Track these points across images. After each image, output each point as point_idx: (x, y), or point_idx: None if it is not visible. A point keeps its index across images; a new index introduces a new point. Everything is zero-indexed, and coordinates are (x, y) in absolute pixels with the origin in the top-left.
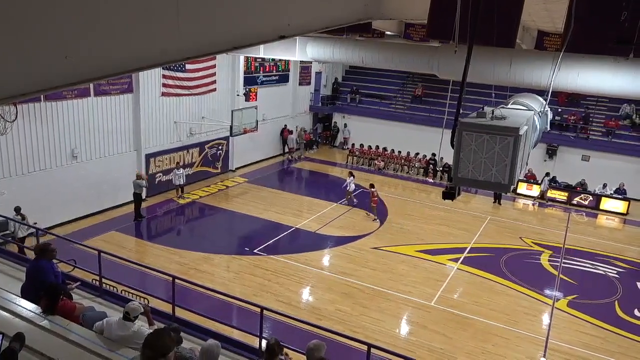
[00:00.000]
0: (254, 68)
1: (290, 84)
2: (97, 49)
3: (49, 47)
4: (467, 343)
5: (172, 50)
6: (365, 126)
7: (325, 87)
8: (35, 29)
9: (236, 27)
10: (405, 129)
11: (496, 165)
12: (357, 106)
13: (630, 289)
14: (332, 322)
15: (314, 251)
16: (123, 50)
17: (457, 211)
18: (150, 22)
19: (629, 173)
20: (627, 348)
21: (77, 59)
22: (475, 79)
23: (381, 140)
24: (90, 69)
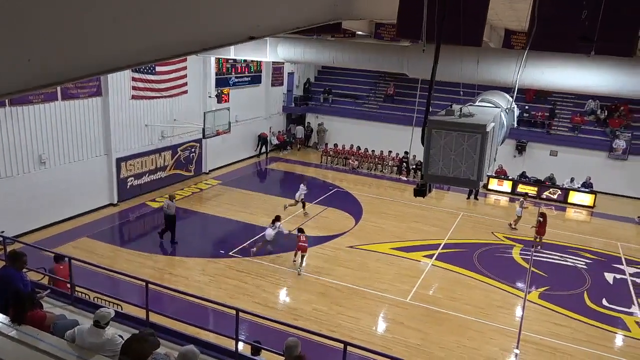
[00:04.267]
0: (225, 69)
1: (263, 85)
2: (61, 51)
3: (10, 50)
4: (442, 338)
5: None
6: (338, 126)
7: (297, 87)
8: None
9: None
10: (378, 128)
11: (465, 161)
12: (330, 106)
13: (598, 279)
14: (309, 322)
15: (290, 252)
16: (88, 52)
17: (430, 208)
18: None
19: (594, 167)
20: (596, 337)
21: (40, 62)
22: (444, 77)
23: (355, 140)
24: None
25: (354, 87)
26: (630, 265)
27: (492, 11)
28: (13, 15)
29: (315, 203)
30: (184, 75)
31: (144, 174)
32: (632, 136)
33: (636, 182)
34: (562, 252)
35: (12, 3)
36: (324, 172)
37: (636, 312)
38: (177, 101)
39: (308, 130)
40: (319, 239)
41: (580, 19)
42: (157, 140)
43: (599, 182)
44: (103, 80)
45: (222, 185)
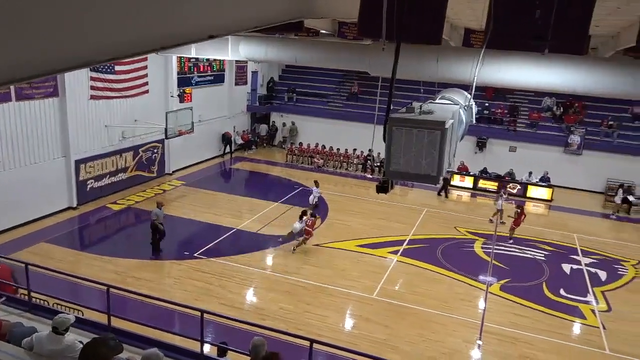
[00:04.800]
0: (187, 68)
1: (226, 84)
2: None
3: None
4: (407, 332)
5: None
6: (303, 125)
7: (262, 86)
8: None
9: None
10: (343, 126)
11: (425, 157)
12: (295, 105)
13: (556, 270)
14: (276, 322)
15: (255, 252)
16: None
17: (395, 205)
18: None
19: (551, 162)
20: (554, 325)
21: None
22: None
23: (320, 138)
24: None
25: (318, 86)
26: (585, 255)
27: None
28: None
29: (280, 202)
30: (144, 74)
31: (105, 176)
32: (586, 132)
33: (590, 176)
34: (522, 245)
35: None
36: (289, 171)
37: (592, 300)
38: (138, 101)
39: (273, 129)
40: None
41: (534, 18)
42: (118, 141)
43: (556, 177)
44: (60, 80)
45: (186, 186)
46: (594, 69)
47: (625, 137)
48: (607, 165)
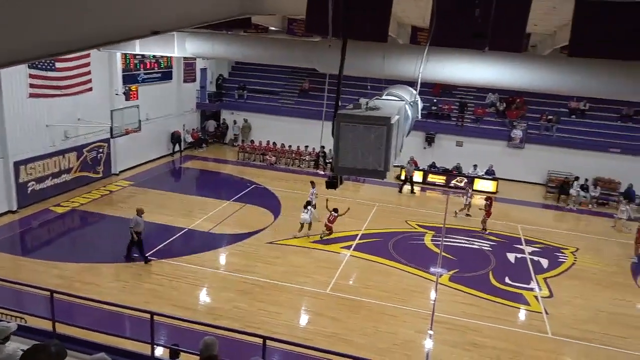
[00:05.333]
0: (133, 65)
1: (174, 82)
2: None
3: None
4: (361, 325)
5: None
6: (255, 122)
7: (211, 83)
8: None
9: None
10: (294, 123)
11: (372, 153)
12: (246, 102)
13: (501, 259)
14: (230, 321)
15: (208, 251)
16: None
17: (347, 200)
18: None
19: (496, 155)
20: (501, 313)
21: None
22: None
23: (271, 136)
24: None
25: (269, 83)
26: (529, 245)
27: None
28: None
29: (233, 200)
30: (87, 71)
31: (47, 178)
32: (528, 126)
33: (532, 169)
34: (469, 236)
35: None
36: (241, 169)
37: (535, 287)
38: (81, 99)
39: (223, 127)
40: (237, 236)
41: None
42: (60, 141)
43: (500, 170)
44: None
45: (135, 187)
46: (532, 66)
47: (564, 131)
48: (548, 158)
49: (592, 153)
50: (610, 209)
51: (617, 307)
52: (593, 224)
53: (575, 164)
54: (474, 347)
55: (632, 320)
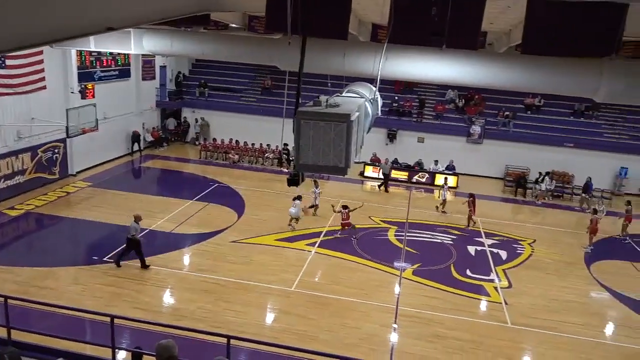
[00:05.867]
0: (89, 63)
1: (133, 79)
2: None
3: None
4: (327, 321)
5: None
6: (217, 120)
7: (171, 81)
8: None
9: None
10: (257, 121)
11: (333, 150)
12: (207, 100)
13: (462, 252)
14: (194, 321)
15: (170, 252)
16: None
17: (311, 197)
18: None
19: (456, 151)
20: (462, 304)
21: None
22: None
23: (234, 134)
24: None
25: (230, 80)
26: (488, 237)
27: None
28: None
29: (195, 200)
30: (40, 69)
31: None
32: (486, 122)
33: (490, 163)
34: (431, 231)
35: None
36: (203, 168)
37: (495, 279)
38: (35, 98)
39: (185, 125)
40: (200, 236)
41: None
42: (13, 141)
43: (460, 165)
44: None
45: (93, 187)
46: (487, 63)
47: (520, 126)
48: (505, 152)
49: (547, 147)
50: (565, 201)
51: (572, 295)
52: (549, 216)
53: (531, 158)
54: (437, 339)
55: (586, 308)
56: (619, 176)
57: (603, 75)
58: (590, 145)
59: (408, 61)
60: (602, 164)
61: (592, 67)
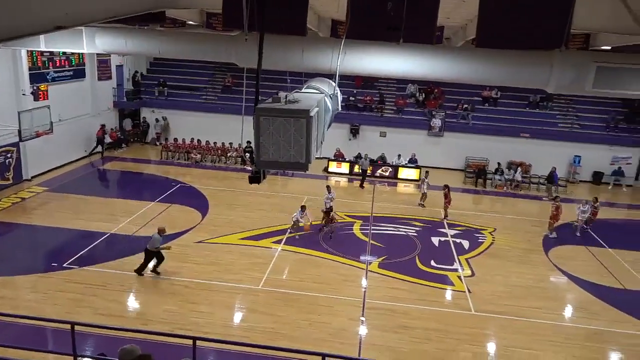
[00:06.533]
0: (41, 63)
1: (88, 80)
2: None
3: None
4: (295, 317)
5: None
6: (177, 119)
7: (128, 81)
8: None
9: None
10: (219, 119)
11: (293, 146)
12: (167, 99)
13: (426, 243)
14: (160, 325)
15: (133, 255)
16: None
17: (276, 195)
18: None
19: (418, 144)
20: (428, 294)
21: None
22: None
23: (195, 133)
24: None
25: (190, 79)
26: (451, 228)
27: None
28: None
29: (158, 201)
30: None
31: None
32: (446, 115)
33: (451, 155)
34: (395, 223)
35: None
36: (165, 168)
37: (458, 268)
38: None
39: (144, 125)
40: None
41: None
42: None
43: (422, 158)
44: None
45: (50, 192)
46: (444, 57)
47: (478, 118)
48: (465, 144)
49: (505, 138)
50: (523, 190)
51: (532, 280)
52: (508, 205)
53: (490, 149)
54: (404, 330)
55: (545, 292)
56: (573, 164)
57: (553, 67)
58: (545, 135)
59: (366, 56)
60: (556, 153)
61: (542, 60)
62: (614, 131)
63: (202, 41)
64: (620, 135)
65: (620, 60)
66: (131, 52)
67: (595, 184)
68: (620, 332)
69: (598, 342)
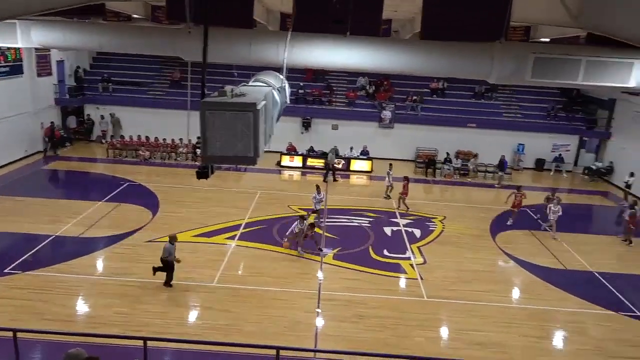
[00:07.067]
0: None
1: (27, 76)
2: None
3: None
4: (251, 313)
5: None
6: (124, 116)
7: (71, 76)
8: None
9: None
10: (167, 115)
11: (241, 140)
12: (112, 95)
13: (379, 234)
14: (110, 327)
15: (81, 257)
16: None
17: (229, 190)
18: None
19: (369, 136)
20: (381, 283)
21: None
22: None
23: (143, 130)
24: None
25: (136, 74)
26: (403, 217)
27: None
28: None
29: (105, 201)
30: None
31: None
32: (396, 107)
33: (402, 147)
34: (349, 215)
35: None
36: (112, 167)
37: (410, 256)
38: None
39: (89, 123)
40: (112, 238)
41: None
42: None
43: (374, 149)
44: None
45: None
46: (390, 50)
47: (427, 109)
48: (415, 135)
49: (453, 129)
50: (471, 178)
51: (480, 265)
52: (457, 193)
53: (439, 140)
54: (360, 319)
55: (492, 276)
56: (517, 152)
57: (494, 59)
58: (491, 125)
59: (314, 49)
60: (501, 142)
61: (484, 52)
62: (554, 120)
63: (145, 34)
64: (560, 123)
65: (556, 51)
66: (70, 46)
67: (537, 170)
68: (562, 310)
69: (542, 320)
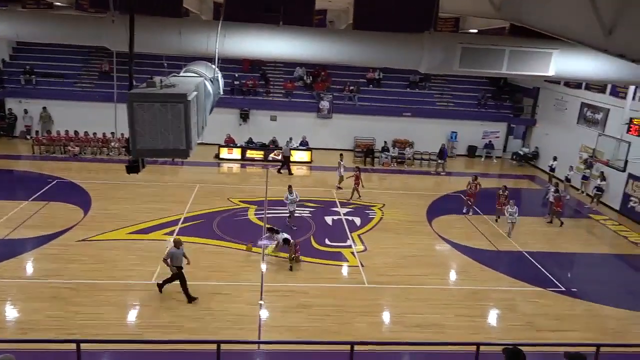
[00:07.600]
0: None
1: None
2: None
3: None
4: (193, 308)
5: None
6: (51, 110)
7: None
8: None
9: None
10: (97, 108)
11: (172, 132)
12: (35, 88)
13: (320, 223)
14: (43, 332)
15: (6, 260)
16: None
17: (166, 185)
18: None
19: (308, 127)
20: (324, 272)
21: None
22: (147, 49)
23: (72, 124)
24: None
25: (62, 65)
26: (343, 207)
27: None
28: None
29: (32, 200)
30: None
31: None
32: (333, 97)
33: (339, 136)
34: None
35: None
36: (39, 164)
37: (351, 244)
38: None
39: (11, 117)
40: (41, 239)
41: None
42: None
43: (313, 140)
44: None
45: None
46: (323, 40)
47: (364, 99)
48: (353, 125)
49: (389, 118)
50: (408, 166)
51: (418, 250)
52: (395, 181)
53: (376, 129)
54: (304, 309)
55: (430, 260)
56: (450, 140)
57: (424, 49)
58: (425, 114)
59: (247, 38)
60: (436, 130)
61: (414, 42)
62: (484, 108)
63: (66, 23)
64: (489, 111)
65: (481, 42)
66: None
67: (470, 157)
68: (495, 289)
69: (478, 300)
